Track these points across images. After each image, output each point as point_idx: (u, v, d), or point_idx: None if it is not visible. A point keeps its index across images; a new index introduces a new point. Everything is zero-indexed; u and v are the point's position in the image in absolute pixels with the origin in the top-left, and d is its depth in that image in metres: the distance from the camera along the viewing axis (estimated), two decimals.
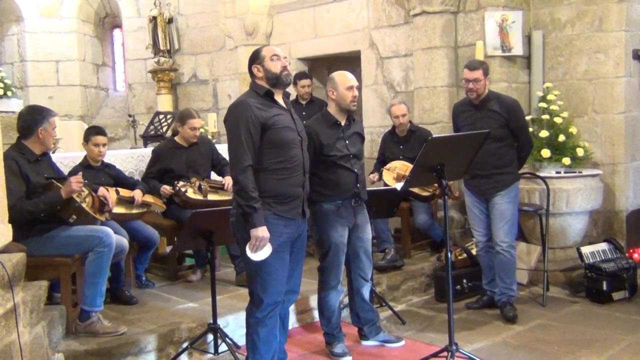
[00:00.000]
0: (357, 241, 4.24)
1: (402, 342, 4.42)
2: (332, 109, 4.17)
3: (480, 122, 4.73)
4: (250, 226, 3.31)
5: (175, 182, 5.21)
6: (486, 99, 4.80)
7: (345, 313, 4.60)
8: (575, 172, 5.68)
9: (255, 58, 3.54)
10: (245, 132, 3.35)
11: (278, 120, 3.45)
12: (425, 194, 5.72)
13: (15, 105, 9.00)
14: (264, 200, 3.39)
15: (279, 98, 3.55)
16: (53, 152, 5.34)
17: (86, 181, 4.31)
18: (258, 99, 3.46)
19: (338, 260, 4.15)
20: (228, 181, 5.26)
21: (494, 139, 4.65)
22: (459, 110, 5.02)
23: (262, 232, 3.31)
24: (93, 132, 5.00)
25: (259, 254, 3.34)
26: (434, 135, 5.01)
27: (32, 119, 4.09)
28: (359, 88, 4.16)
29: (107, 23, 11.00)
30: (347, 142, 4.12)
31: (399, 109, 5.91)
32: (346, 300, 4.64)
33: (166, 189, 5.24)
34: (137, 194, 4.99)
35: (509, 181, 4.83)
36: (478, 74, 4.70)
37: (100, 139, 4.95)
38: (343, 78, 4.14)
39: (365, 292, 4.39)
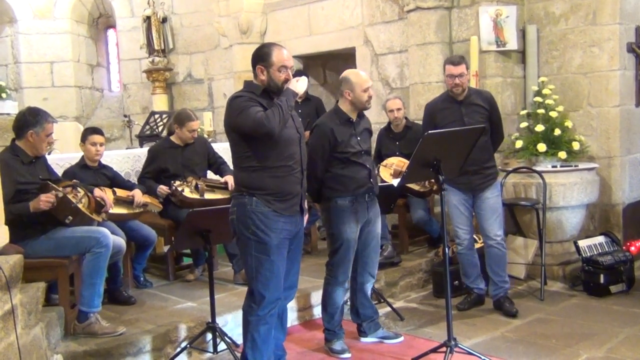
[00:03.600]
0: (367, 236, 4.25)
1: (401, 338, 4.43)
2: (345, 106, 4.16)
3: (467, 117, 4.73)
4: (290, 93, 3.44)
5: (172, 181, 5.21)
6: (468, 93, 4.83)
7: (346, 310, 4.60)
8: (571, 166, 5.69)
9: (264, 59, 3.46)
10: (253, 108, 3.36)
11: None
12: (422, 189, 5.72)
13: (10, 107, 8.96)
14: (264, 197, 3.42)
15: (274, 95, 3.54)
16: (49, 154, 5.33)
17: (74, 182, 4.29)
18: (252, 95, 3.45)
19: (348, 257, 4.17)
20: (230, 180, 5.24)
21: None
22: (438, 108, 4.93)
23: (293, 83, 3.46)
24: (90, 131, 5.00)
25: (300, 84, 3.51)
26: (429, 131, 5.00)
27: (25, 121, 4.06)
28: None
29: (100, 23, 10.96)
30: (358, 138, 4.16)
31: (394, 103, 5.93)
32: (347, 295, 4.64)
33: (163, 189, 5.23)
34: (137, 194, 4.98)
35: (495, 175, 4.91)
36: (462, 68, 4.72)
37: (97, 138, 4.94)
38: (359, 80, 4.12)
39: (369, 288, 4.42)
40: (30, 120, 4.05)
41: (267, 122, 3.31)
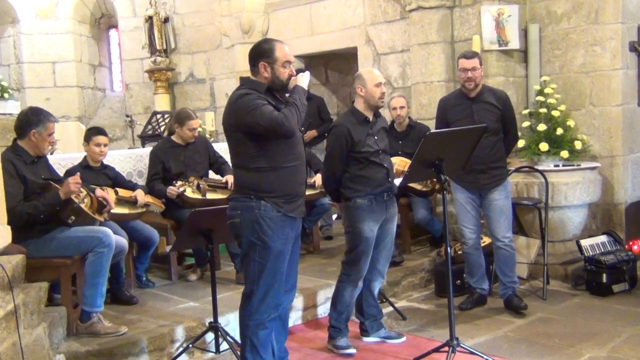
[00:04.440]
0: (381, 234, 4.23)
1: (403, 338, 4.42)
2: (360, 105, 4.15)
3: (477, 114, 4.71)
4: (301, 91, 3.40)
5: (174, 181, 5.21)
6: (481, 91, 4.79)
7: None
8: (573, 165, 5.68)
9: (267, 55, 3.37)
10: (265, 106, 3.27)
11: None
12: (424, 189, 5.72)
13: (12, 107, 8.99)
14: (274, 200, 3.35)
15: (277, 94, 3.48)
16: (51, 154, 5.34)
17: (84, 183, 4.30)
18: (260, 95, 3.35)
19: (365, 256, 4.15)
20: (230, 179, 5.24)
21: (491, 133, 4.64)
22: (450, 104, 4.93)
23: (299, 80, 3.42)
24: (94, 132, 5.00)
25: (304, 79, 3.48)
26: (431, 130, 5.00)
27: (27, 120, 4.07)
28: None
29: (102, 23, 10.98)
30: (375, 137, 4.14)
31: (398, 101, 5.93)
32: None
33: (172, 189, 5.21)
34: (140, 194, 4.98)
35: (504, 175, 4.86)
36: (475, 62, 4.69)
37: (101, 138, 4.95)
38: (371, 75, 4.13)
39: (376, 287, 4.41)
40: (33, 120, 4.05)
41: (286, 121, 3.23)
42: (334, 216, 6.84)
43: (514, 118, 4.94)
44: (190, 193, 5.18)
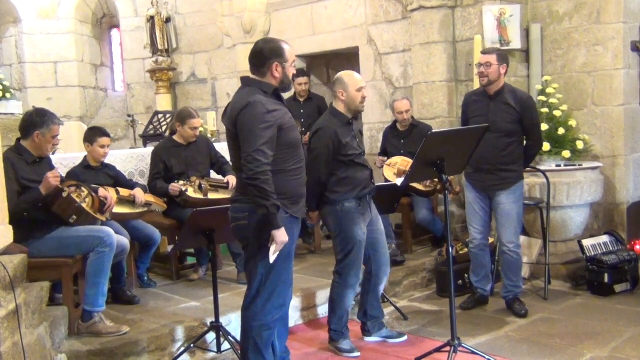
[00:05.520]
0: (374, 234, 4.24)
1: (405, 338, 4.42)
2: (340, 107, 4.14)
3: (492, 114, 4.65)
4: (276, 227, 3.21)
5: (176, 181, 5.22)
6: (501, 90, 4.70)
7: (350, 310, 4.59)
8: (575, 165, 5.67)
9: (280, 55, 3.34)
10: (266, 132, 3.19)
11: (290, 119, 3.38)
12: (426, 189, 5.72)
13: (14, 107, 9.00)
14: (282, 202, 3.30)
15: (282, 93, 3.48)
16: (53, 154, 5.34)
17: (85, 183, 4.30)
18: (266, 97, 3.31)
19: (360, 258, 4.15)
20: (232, 180, 5.24)
21: (504, 134, 4.62)
22: (471, 100, 4.89)
23: (283, 234, 3.24)
24: (99, 134, 4.97)
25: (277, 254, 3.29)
26: (433, 130, 4.99)
27: (31, 121, 4.08)
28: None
29: (104, 23, 10.99)
30: (357, 139, 4.16)
31: (403, 105, 5.93)
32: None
33: (175, 186, 5.20)
34: (138, 193, 4.98)
35: (513, 179, 4.74)
36: (490, 57, 4.62)
37: (107, 140, 4.97)
38: (352, 79, 4.10)
39: (382, 289, 4.43)
40: (37, 121, 4.06)
41: (262, 176, 3.15)
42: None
43: (534, 123, 4.79)
44: (192, 193, 5.18)
